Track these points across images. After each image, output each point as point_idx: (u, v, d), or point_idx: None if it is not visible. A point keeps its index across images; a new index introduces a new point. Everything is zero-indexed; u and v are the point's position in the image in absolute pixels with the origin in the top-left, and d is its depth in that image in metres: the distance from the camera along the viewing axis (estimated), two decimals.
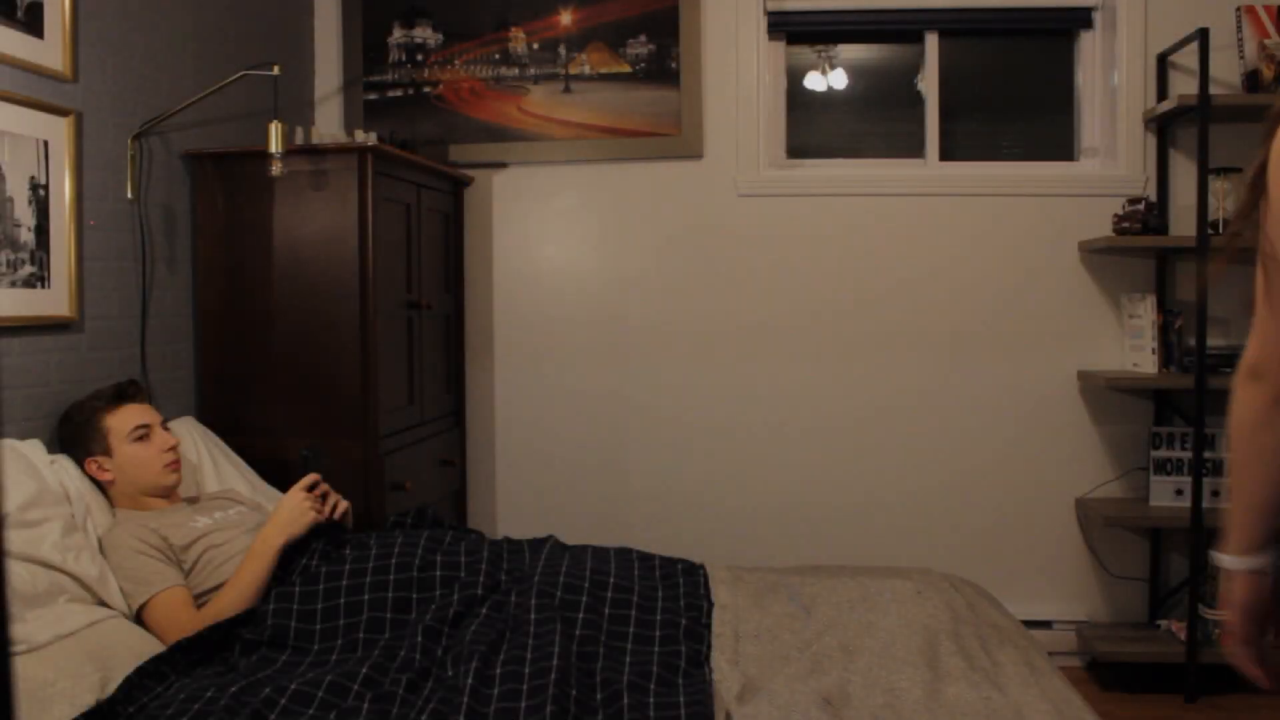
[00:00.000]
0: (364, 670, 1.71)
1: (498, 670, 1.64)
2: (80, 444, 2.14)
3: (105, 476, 2.13)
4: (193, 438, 2.49)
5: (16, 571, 1.76)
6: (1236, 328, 3.15)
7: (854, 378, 3.34)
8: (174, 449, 2.19)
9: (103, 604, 1.91)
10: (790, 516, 3.36)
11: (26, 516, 1.87)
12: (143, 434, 2.15)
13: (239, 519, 2.20)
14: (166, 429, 2.23)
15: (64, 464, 2.09)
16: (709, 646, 1.84)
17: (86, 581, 1.90)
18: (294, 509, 2.09)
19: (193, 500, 2.29)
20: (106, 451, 2.13)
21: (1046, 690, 1.70)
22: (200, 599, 2.03)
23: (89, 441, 2.13)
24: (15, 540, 1.81)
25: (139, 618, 1.94)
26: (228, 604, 1.96)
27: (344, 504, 2.23)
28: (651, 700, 1.61)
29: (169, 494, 2.21)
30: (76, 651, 1.71)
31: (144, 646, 1.83)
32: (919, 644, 1.79)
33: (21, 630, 1.69)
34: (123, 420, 2.15)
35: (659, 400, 3.39)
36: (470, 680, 1.61)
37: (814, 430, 3.36)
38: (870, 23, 3.41)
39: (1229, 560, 1.23)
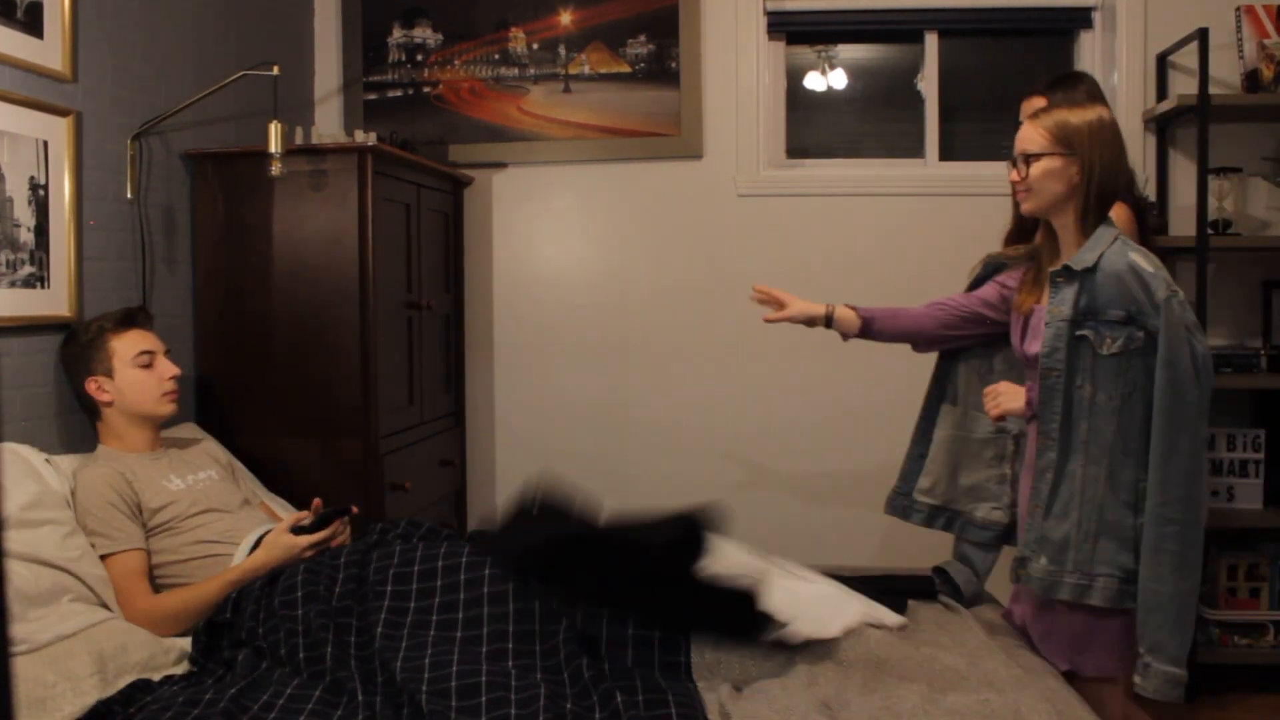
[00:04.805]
0: (358, 678, 1.70)
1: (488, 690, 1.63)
2: (83, 363, 2.17)
3: (104, 398, 2.16)
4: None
5: (20, 571, 1.76)
6: (1237, 328, 3.15)
7: (854, 376, 3.34)
8: (174, 379, 2.22)
9: (105, 606, 1.91)
10: (794, 515, 3.36)
11: (29, 516, 1.87)
12: (146, 360, 2.19)
13: (208, 488, 2.20)
14: (169, 359, 2.25)
15: (59, 464, 2.09)
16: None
17: (90, 583, 1.90)
18: (289, 552, 2.03)
19: (170, 447, 2.30)
20: (108, 373, 2.16)
21: (1044, 691, 1.70)
22: (157, 570, 2.04)
23: (92, 361, 2.16)
24: (19, 540, 1.81)
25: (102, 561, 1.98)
26: (188, 609, 1.96)
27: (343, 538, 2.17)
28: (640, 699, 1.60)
29: (157, 430, 2.25)
30: (77, 651, 1.71)
31: (145, 648, 1.83)
32: (914, 662, 1.79)
33: (23, 630, 1.69)
34: (128, 344, 2.18)
35: (658, 399, 3.40)
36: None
37: (814, 429, 3.36)
38: (870, 23, 3.41)
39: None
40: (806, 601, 1.88)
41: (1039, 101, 2.39)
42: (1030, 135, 1.95)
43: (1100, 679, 1.92)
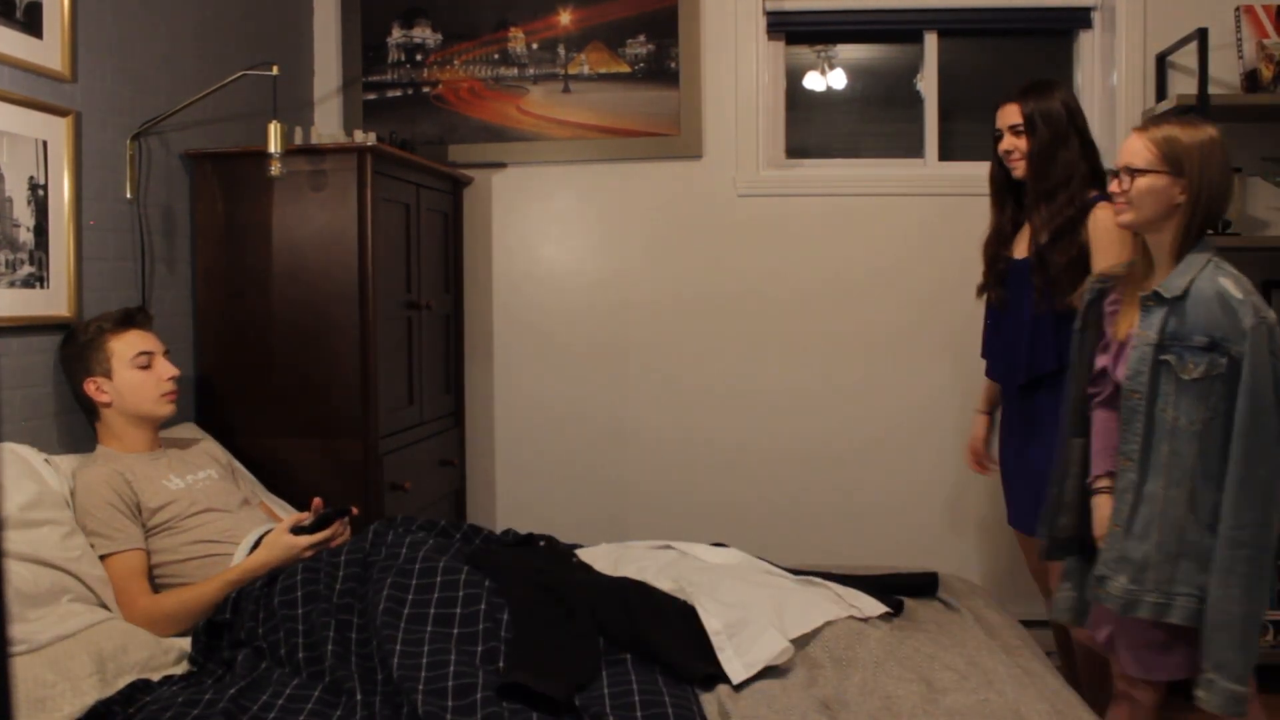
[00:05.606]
0: (357, 678, 1.70)
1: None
2: (82, 364, 2.17)
3: (103, 398, 2.17)
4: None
5: (20, 571, 1.76)
6: None
7: (854, 377, 3.34)
8: (173, 380, 2.22)
9: (104, 606, 1.91)
10: (794, 516, 3.36)
11: (29, 516, 1.87)
12: (145, 361, 2.19)
13: (208, 487, 2.20)
14: (168, 359, 2.25)
15: (59, 464, 2.09)
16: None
17: (89, 583, 1.90)
18: (289, 552, 2.04)
19: (169, 447, 2.30)
20: (107, 374, 2.16)
21: (1044, 690, 1.70)
22: (156, 570, 2.05)
23: (91, 362, 2.17)
24: (18, 540, 1.81)
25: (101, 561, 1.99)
26: (188, 609, 1.97)
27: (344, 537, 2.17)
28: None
29: (157, 430, 2.26)
30: (77, 652, 1.71)
31: (145, 648, 1.83)
32: (913, 662, 1.79)
33: (23, 630, 1.68)
34: (127, 345, 2.18)
35: (658, 399, 3.39)
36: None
37: (814, 429, 3.36)
38: (870, 23, 3.41)
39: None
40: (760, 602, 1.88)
41: (1013, 108, 2.41)
42: (1137, 149, 1.91)
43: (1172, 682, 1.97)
